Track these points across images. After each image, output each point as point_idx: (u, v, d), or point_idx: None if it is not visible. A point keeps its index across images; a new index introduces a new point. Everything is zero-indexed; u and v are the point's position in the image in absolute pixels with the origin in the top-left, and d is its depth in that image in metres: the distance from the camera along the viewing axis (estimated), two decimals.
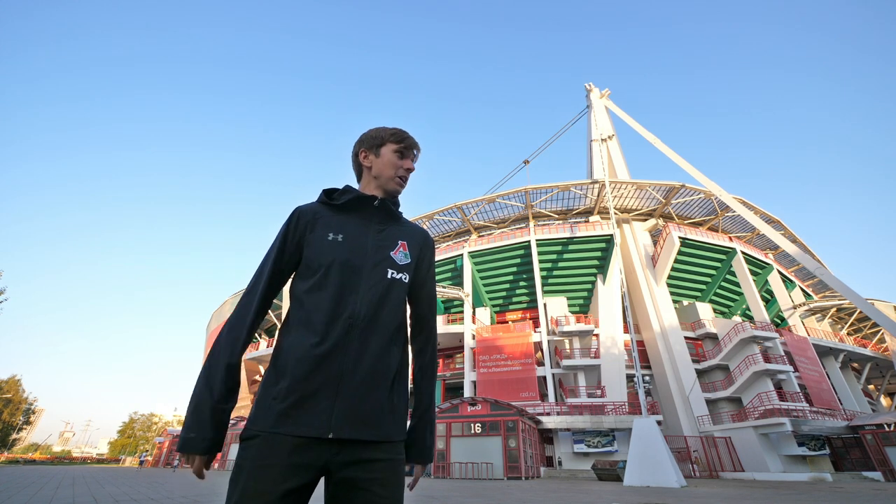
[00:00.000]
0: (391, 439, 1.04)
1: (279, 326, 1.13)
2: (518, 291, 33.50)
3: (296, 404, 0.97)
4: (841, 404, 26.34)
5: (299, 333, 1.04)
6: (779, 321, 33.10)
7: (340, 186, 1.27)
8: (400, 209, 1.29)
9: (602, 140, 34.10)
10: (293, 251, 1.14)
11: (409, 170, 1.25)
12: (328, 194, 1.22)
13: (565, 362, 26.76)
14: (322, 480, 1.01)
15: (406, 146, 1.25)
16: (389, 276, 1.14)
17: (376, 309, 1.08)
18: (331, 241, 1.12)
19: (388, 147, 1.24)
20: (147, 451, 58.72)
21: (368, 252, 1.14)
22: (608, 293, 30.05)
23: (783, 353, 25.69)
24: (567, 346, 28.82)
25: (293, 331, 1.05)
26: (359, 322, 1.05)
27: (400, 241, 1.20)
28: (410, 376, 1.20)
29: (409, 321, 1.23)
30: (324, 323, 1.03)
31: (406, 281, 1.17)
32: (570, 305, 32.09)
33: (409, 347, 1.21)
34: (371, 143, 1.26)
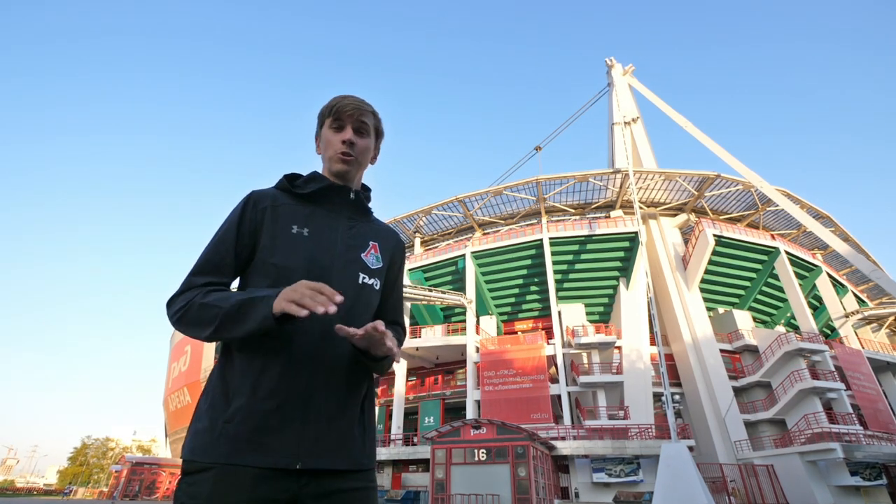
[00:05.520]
0: (363, 467, 1.04)
1: None
2: (529, 297, 33.52)
3: (255, 428, 0.92)
4: None
5: (257, 342, 0.96)
6: (828, 332, 33.10)
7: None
8: (370, 204, 1.28)
9: (625, 123, 34.31)
10: (246, 243, 1.08)
11: (348, 142, 1.16)
12: (290, 180, 1.17)
13: (583, 379, 26.77)
14: None
15: (337, 116, 1.17)
16: (361, 280, 1.12)
17: (348, 315, 1.03)
18: (295, 235, 1.08)
19: (325, 125, 1.20)
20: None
21: (338, 251, 1.11)
22: (632, 300, 30.08)
23: (833, 369, 25.70)
24: (585, 360, 28.79)
25: (247, 339, 0.96)
26: (330, 328, 1.00)
27: (371, 242, 1.18)
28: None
29: None
30: (287, 329, 0.96)
31: (377, 288, 1.16)
32: (588, 314, 32.10)
33: None
34: (317, 130, 1.25)
